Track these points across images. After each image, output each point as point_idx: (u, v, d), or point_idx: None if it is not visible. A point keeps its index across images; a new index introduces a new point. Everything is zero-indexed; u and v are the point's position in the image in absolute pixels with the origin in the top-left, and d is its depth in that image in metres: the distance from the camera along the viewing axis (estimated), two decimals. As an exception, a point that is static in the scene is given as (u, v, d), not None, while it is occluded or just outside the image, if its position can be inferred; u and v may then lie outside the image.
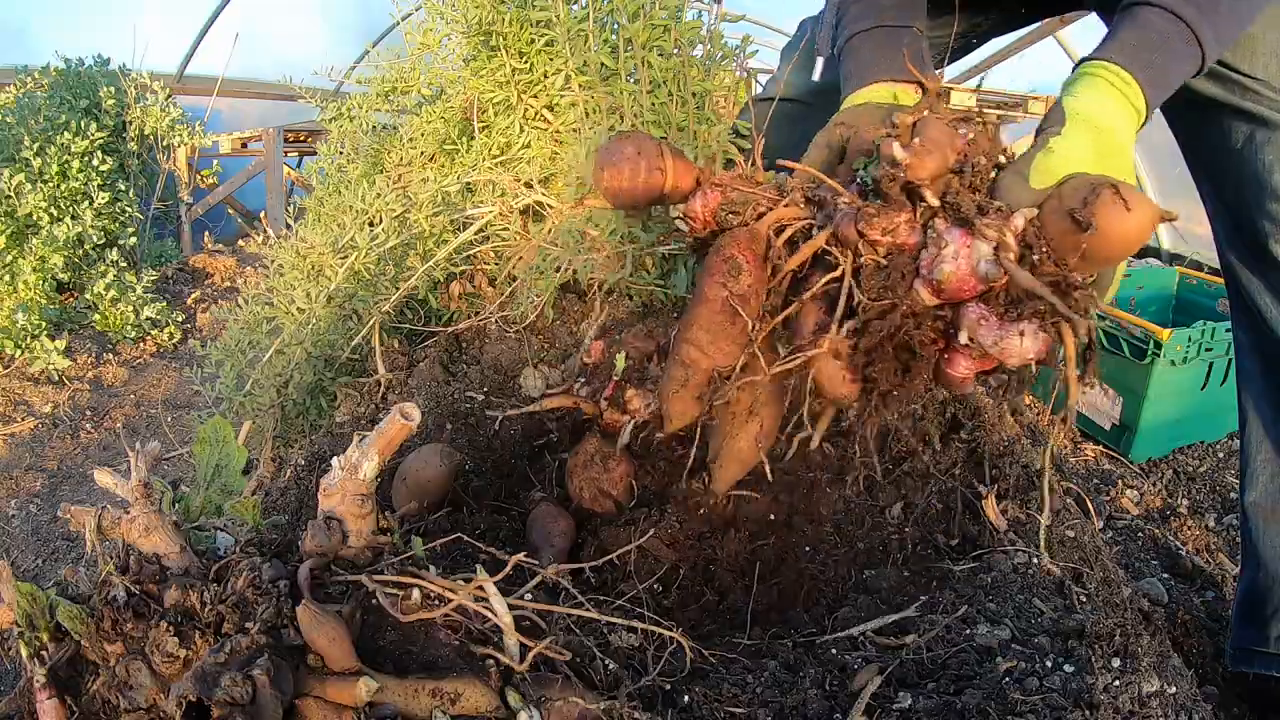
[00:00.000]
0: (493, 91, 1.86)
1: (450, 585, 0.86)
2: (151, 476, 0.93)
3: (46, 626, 0.82)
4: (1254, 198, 1.31)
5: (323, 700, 0.79)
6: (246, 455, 1.19)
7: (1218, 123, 1.33)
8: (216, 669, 0.76)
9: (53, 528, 2.76)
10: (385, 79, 2.22)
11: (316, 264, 1.82)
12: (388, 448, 0.92)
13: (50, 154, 4.66)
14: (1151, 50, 1.08)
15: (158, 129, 5.41)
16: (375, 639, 0.88)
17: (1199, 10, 1.09)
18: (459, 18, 1.80)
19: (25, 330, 4.06)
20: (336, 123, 2.38)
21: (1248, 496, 1.50)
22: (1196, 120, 1.38)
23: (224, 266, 5.84)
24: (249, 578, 0.84)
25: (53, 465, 3.22)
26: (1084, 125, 1.04)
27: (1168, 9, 1.09)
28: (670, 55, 1.65)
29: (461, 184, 1.89)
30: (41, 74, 5.31)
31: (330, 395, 1.85)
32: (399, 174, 2.03)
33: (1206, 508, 2.55)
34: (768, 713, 0.94)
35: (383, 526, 0.96)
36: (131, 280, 4.57)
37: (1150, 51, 1.08)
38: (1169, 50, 1.09)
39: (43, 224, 4.44)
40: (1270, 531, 1.47)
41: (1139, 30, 1.10)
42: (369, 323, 1.79)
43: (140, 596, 0.83)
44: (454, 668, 0.85)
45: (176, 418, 3.56)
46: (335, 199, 2.00)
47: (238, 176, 6.83)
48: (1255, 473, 1.48)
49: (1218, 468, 2.78)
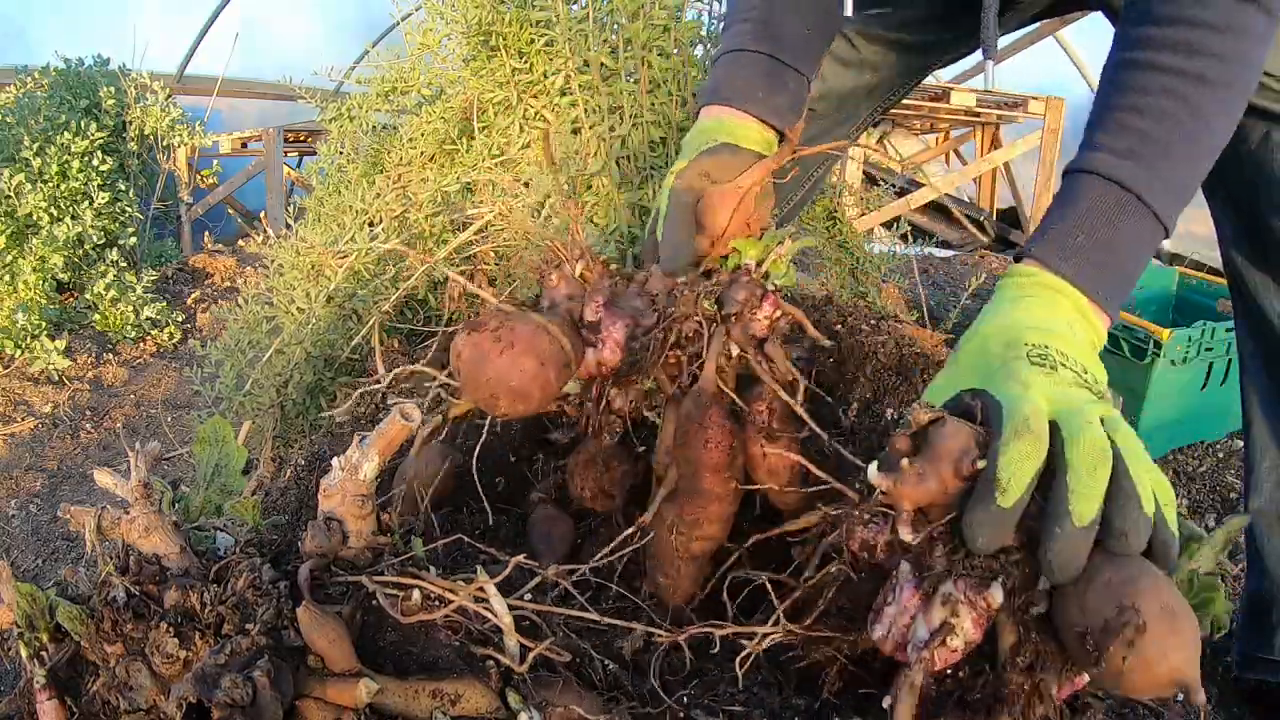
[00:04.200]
0: (493, 91, 1.86)
1: (451, 586, 0.86)
2: (151, 476, 0.93)
3: (46, 627, 0.82)
4: (1268, 198, 1.26)
5: (323, 701, 0.79)
6: (246, 455, 1.19)
7: None
8: (217, 670, 0.76)
9: (53, 528, 2.76)
10: (385, 79, 2.22)
11: (316, 264, 1.82)
12: (388, 448, 0.92)
13: (50, 154, 4.65)
14: (1074, 232, 0.90)
15: (158, 129, 5.41)
16: (375, 640, 0.88)
17: (1143, 164, 0.90)
18: (459, 18, 1.80)
19: (25, 330, 4.06)
20: (336, 123, 2.38)
21: (1252, 503, 1.49)
22: None
23: (224, 266, 5.84)
24: (249, 578, 0.84)
25: (53, 465, 3.22)
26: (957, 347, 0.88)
27: (1098, 174, 0.91)
28: (670, 55, 1.65)
29: (461, 184, 1.89)
30: (41, 74, 5.31)
31: (330, 395, 1.85)
32: (399, 174, 2.03)
33: (1206, 508, 2.55)
34: (763, 713, 0.95)
35: (383, 527, 0.96)
36: (131, 280, 4.57)
37: (1072, 234, 0.90)
38: (1097, 224, 0.90)
39: (43, 224, 4.44)
40: (1275, 539, 1.46)
41: (1061, 208, 0.92)
42: (369, 323, 1.79)
43: (140, 597, 0.83)
44: (454, 669, 0.85)
45: (176, 418, 3.56)
46: (335, 199, 2.00)
47: (238, 176, 6.83)
48: (1260, 479, 1.47)
49: (1218, 468, 2.78)
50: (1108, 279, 0.91)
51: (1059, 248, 0.91)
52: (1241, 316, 1.45)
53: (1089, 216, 0.91)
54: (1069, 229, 0.91)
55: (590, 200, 1.74)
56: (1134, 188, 0.90)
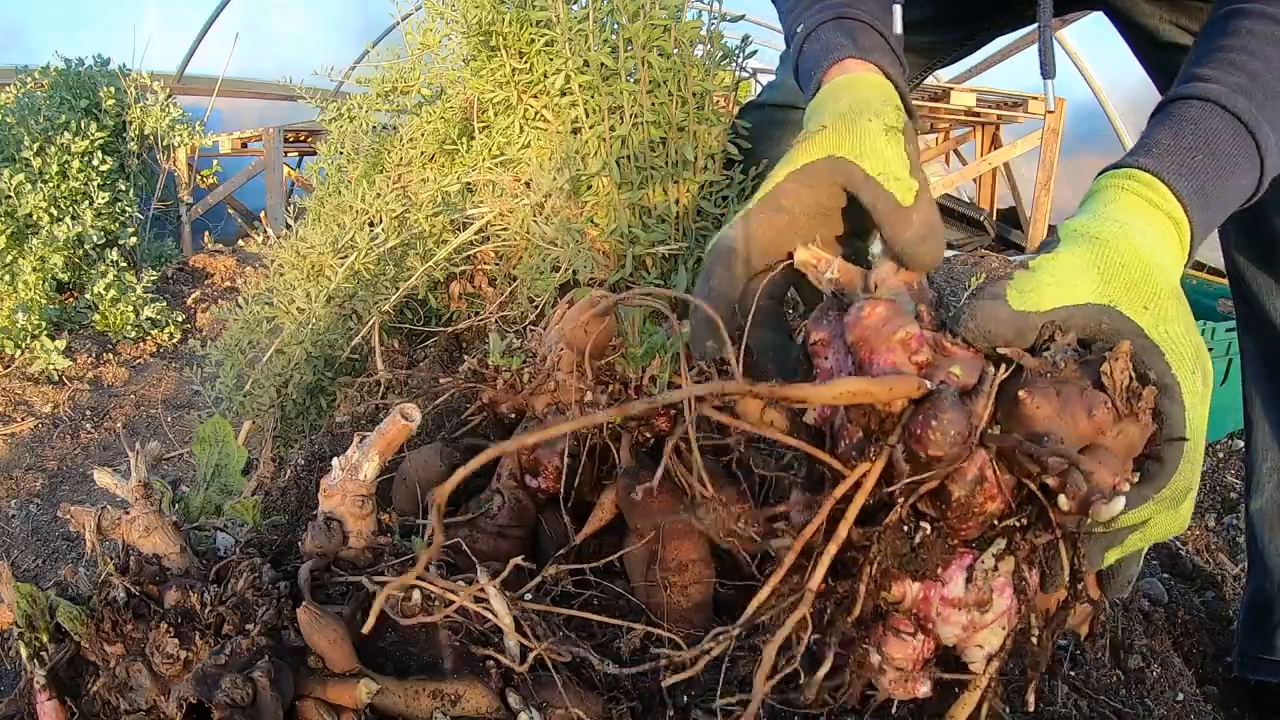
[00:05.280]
0: (493, 91, 1.86)
1: (451, 587, 0.86)
2: (151, 476, 0.93)
3: (46, 627, 0.82)
4: (1271, 199, 1.26)
5: (323, 702, 0.79)
6: (246, 455, 1.19)
7: None
8: (217, 670, 0.76)
9: (53, 528, 2.76)
10: (385, 79, 2.22)
11: (316, 264, 1.82)
12: (388, 449, 0.92)
13: (50, 154, 4.66)
14: (1192, 152, 0.81)
15: (158, 129, 5.41)
16: (375, 640, 0.88)
17: (1255, 102, 0.83)
18: (459, 18, 1.80)
19: (25, 330, 4.06)
20: (336, 123, 2.38)
21: (1253, 504, 1.49)
22: None
23: (224, 266, 5.84)
24: (249, 579, 0.84)
25: (53, 465, 3.22)
26: (1084, 240, 0.75)
27: (1213, 101, 0.83)
28: (670, 55, 1.64)
29: (461, 184, 1.89)
30: (41, 74, 5.31)
31: (330, 395, 1.85)
32: (399, 174, 2.03)
33: (1206, 508, 2.55)
34: (764, 711, 0.95)
35: (383, 527, 0.96)
36: (131, 280, 4.57)
37: (1190, 154, 0.81)
38: (1215, 153, 0.82)
39: (43, 224, 4.44)
40: (1276, 540, 1.46)
41: (1174, 128, 0.84)
42: (369, 323, 1.79)
43: (140, 597, 0.83)
44: (454, 669, 0.85)
45: (176, 418, 3.56)
46: (335, 199, 2.00)
47: (238, 176, 6.83)
48: (1260, 480, 1.47)
49: (1218, 468, 2.78)
50: (1209, 214, 0.82)
51: (1178, 164, 0.80)
52: (1243, 317, 1.44)
53: (1209, 141, 0.81)
54: (1188, 147, 0.81)
55: (590, 200, 1.74)
56: (1249, 124, 0.82)
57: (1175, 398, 0.69)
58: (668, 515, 1.04)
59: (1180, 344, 0.70)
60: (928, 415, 0.65)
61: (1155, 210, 0.79)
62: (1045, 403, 0.65)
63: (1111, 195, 0.81)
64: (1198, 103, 0.83)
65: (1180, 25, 1.30)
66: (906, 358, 0.68)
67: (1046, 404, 0.65)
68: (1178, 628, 1.82)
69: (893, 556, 0.69)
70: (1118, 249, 0.73)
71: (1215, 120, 0.82)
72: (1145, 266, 0.73)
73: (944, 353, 0.69)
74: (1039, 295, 0.70)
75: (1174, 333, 0.71)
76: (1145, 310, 0.71)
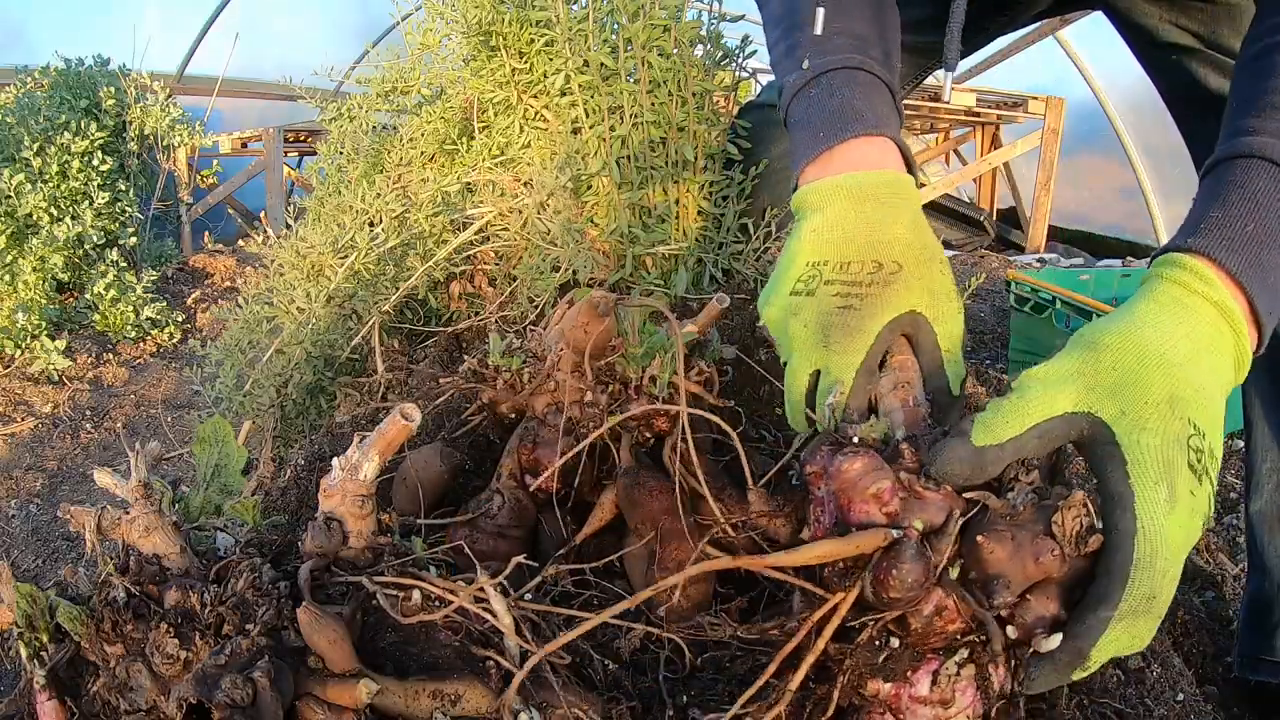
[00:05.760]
0: (493, 91, 1.86)
1: (451, 587, 0.86)
2: (151, 476, 0.93)
3: (46, 627, 0.82)
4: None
5: (323, 701, 0.79)
6: (246, 455, 1.19)
7: None
8: (217, 671, 0.76)
9: (53, 528, 2.76)
10: (385, 79, 2.22)
11: (316, 264, 1.82)
12: (388, 448, 0.92)
13: (50, 154, 4.66)
14: (1242, 222, 0.75)
15: (158, 129, 5.42)
16: (375, 640, 0.88)
17: None
18: (459, 18, 1.80)
19: (25, 330, 4.07)
20: (336, 123, 2.38)
21: (1253, 505, 1.49)
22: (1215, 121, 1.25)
23: (224, 266, 5.84)
24: (249, 579, 0.84)
25: (53, 465, 3.22)
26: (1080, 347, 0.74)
27: (1259, 156, 0.77)
28: (670, 55, 1.64)
29: (461, 184, 1.89)
30: (41, 74, 5.32)
31: (330, 395, 1.85)
32: (399, 174, 2.03)
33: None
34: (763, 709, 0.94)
35: (383, 527, 0.96)
36: (131, 280, 4.57)
37: (1240, 224, 0.74)
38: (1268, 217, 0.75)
39: (43, 224, 4.44)
40: (1275, 541, 1.46)
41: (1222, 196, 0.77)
42: (369, 323, 1.79)
43: (140, 598, 0.83)
44: (454, 669, 0.85)
45: (176, 418, 3.56)
46: (335, 199, 2.00)
47: (238, 176, 6.84)
48: (1260, 481, 1.47)
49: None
50: (1273, 281, 0.75)
51: (1225, 238, 0.75)
52: None
53: (1260, 204, 0.76)
54: (1237, 217, 0.76)
55: (590, 200, 1.74)
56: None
57: (1127, 508, 0.69)
58: (668, 515, 1.04)
59: (1148, 454, 0.69)
60: (890, 563, 0.74)
61: (1197, 299, 0.74)
62: (999, 548, 0.73)
63: (1149, 288, 0.77)
64: (1243, 161, 0.79)
65: (1180, 25, 1.30)
66: (878, 509, 0.76)
67: (1000, 549, 0.73)
68: (1178, 628, 1.82)
69: (865, 665, 0.79)
70: (1114, 351, 0.72)
71: (1264, 179, 0.76)
72: (1141, 369, 0.71)
73: (916, 496, 0.76)
74: (1005, 424, 0.72)
75: (1145, 442, 0.69)
76: (1122, 416, 0.70)
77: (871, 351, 0.86)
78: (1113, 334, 0.74)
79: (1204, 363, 0.73)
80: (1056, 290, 3.24)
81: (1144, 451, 0.69)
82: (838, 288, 0.88)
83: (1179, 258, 0.76)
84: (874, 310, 0.86)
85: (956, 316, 0.88)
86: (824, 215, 0.91)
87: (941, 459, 0.75)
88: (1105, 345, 0.73)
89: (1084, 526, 0.71)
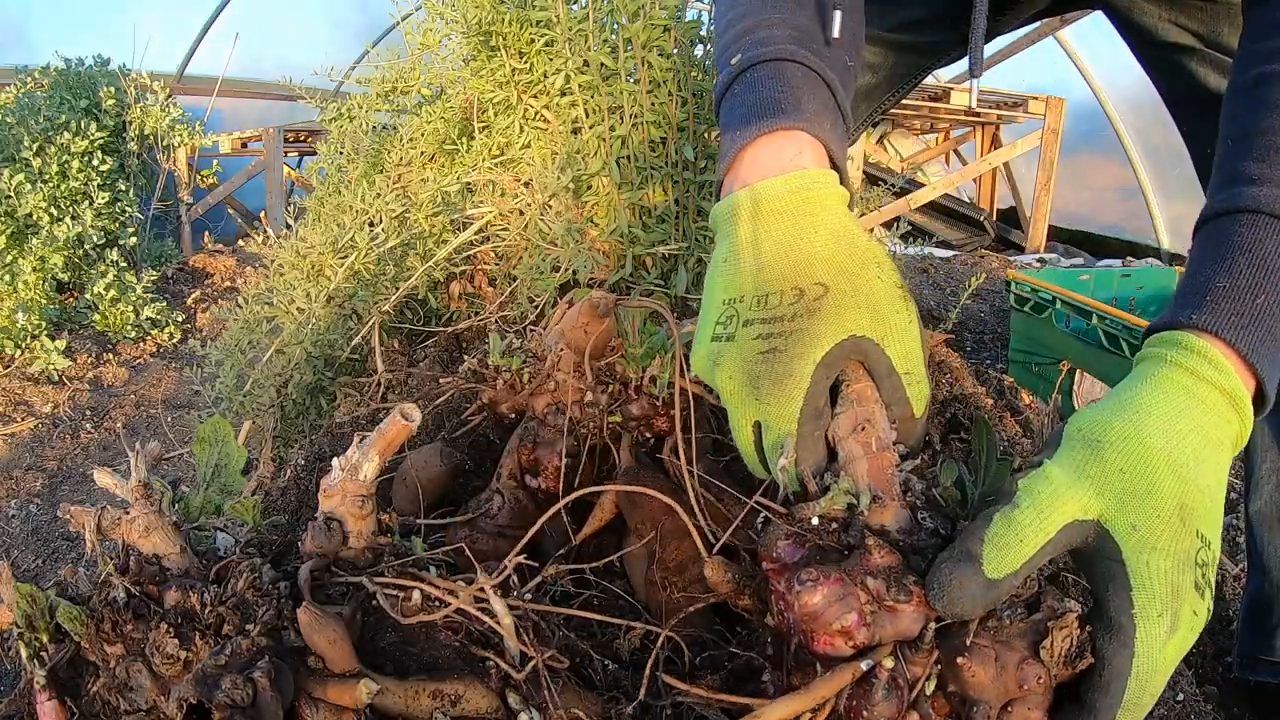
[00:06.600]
0: (493, 91, 1.86)
1: (451, 587, 0.86)
2: (151, 476, 0.93)
3: (46, 627, 0.82)
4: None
5: (323, 702, 0.79)
6: (246, 455, 1.19)
7: None
8: (217, 671, 0.76)
9: (53, 528, 2.76)
10: (385, 79, 2.22)
11: (316, 264, 1.82)
12: (388, 448, 0.92)
13: (50, 154, 4.66)
14: (1250, 294, 0.69)
15: (158, 129, 5.42)
16: (375, 640, 0.88)
17: None
18: (459, 18, 1.80)
19: (25, 330, 4.07)
20: (336, 123, 2.38)
21: (1252, 505, 1.49)
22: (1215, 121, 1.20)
23: (224, 266, 5.84)
24: (249, 579, 0.84)
25: (53, 465, 3.22)
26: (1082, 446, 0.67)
27: (1265, 212, 0.71)
28: (670, 55, 1.64)
29: (461, 184, 1.89)
30: (41, 74, 5.32)
31: (330, 395, 1.85)
32: (399, 174, 2.03)
33: (1207, 508, 2.55)
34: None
35: (383, 527, 0.96)
36: (131, 280, 4.57)
37: (1248, 295, 0.69)
38: (1278, 285, 0.69)
39: (43, 224, 4.44)
40: (1275, 541, 1.46)
41: (1228, 262, 0.71)
42: (369, 323, 1.79)
43: (140, 598, 0.83)
44: (454, 669, 0.85)
45: (176, 418, 3.56)
46: (335, 199, 2.00)
47: (238, 176, 6.84)
48: (1260, 481, 1.47)
49: (1218, 468, 2.78)
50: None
51: (1235, 313, 0.69)
52: None
53: (1270, 271, 0.70)
54: (1244, 288, 0.70)
55: (590, 200, 1.74)
56: None
57: (1126, 643, 0.64)
58: (668, 515, 1.04)
59: (1155, 579, 0.64)
60: (860, 702, 0.68)
61: (1206, 388, 0.69)
62: (981, 670, 0.66)
63: (1148, 372, 0.71)
64: (1248, 217, 0.72)
65: (1180, 24, 1.30)
66: (844, 643, 0.69)
67: (983, 671, 0.66)
68: (1178, 628, 1.81)
69: None
70: (1121, 451, 0.66)
71: (1272, 241, 0.70)
72: (1152, 474, 0.65)
73: (888, 610, 0.69)
74: (1021, 542, 0.64)
75: (1154, 565, 0.64)
76: (1133, 531, 0.65)
77: (810, 394, 0.75)
78: (1117, 429, 0.68)
79: (1210, 460, 0.69)
80: (1056, 290, 3.25)
81: (1152, 577, 0.64)
82: (758, 328, 0.77)
83: (1186, 338, 0.70)
84: (801, 349, 0.75)
85: (909, 329, 0.78)
86: (731, 242, 0.81)
87: (949, 594, 0.65)
88: (1109, 442, 0.67)
89: (1075, 645, 0.66)
